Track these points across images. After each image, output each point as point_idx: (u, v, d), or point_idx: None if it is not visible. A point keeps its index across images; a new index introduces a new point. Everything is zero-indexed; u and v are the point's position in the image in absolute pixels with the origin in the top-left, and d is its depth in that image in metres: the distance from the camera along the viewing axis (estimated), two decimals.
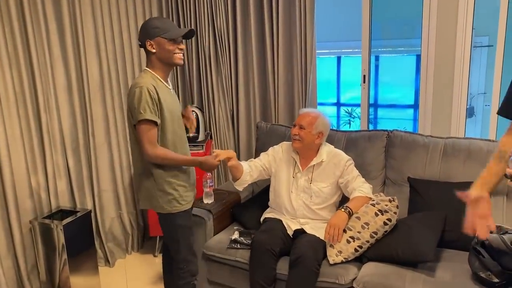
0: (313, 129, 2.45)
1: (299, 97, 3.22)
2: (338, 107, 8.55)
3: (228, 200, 2.79)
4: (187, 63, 3.50)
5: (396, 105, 7.92)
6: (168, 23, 2.03)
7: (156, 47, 2.01)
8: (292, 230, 2.46)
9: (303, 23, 3.07)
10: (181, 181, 2.14)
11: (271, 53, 3.23)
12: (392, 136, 2.70)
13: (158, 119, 2.00)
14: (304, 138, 2.45)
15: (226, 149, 2.77)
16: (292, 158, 2.56)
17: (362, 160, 2.66)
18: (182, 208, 2.15)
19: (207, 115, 3.52)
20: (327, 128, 2.51)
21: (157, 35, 1.99)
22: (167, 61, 2.05)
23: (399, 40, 7.30)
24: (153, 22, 2.01)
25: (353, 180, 2.45)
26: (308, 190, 2.48)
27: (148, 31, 2.00)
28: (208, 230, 2.58)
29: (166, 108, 2.03)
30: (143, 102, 1.95)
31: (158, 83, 2.04)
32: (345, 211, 2.29)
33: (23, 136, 2.63)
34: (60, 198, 2.88)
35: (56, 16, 2.77)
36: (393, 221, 2.28)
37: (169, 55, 2.03)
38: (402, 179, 2.62)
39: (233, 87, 3.41)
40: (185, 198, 2.16)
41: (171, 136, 2.08)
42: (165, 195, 2.11)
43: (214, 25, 3.32)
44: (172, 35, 2.01)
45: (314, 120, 2.46)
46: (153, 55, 2.03)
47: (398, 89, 7.85)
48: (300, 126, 2.46)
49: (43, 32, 2.69)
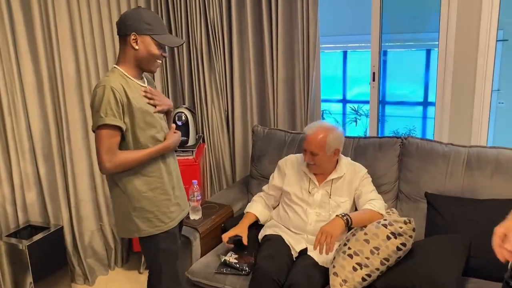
0: (326, 151, 2.15)
1: (301, 97, 2.88)
2: (344, 104, 8.33)
3: (219, 215, 2.46)
4: (177, 59, 3.16)
5: (404, 102, 7.66)
6: (161, 24, 1.75)
7: (141, 46, 1.70)
8: (297, 252, 2.14)
9: (306, 14, 2.73)
10: (161, 194, 1.81)
11: (270, 48, 2.88)
12: (406, 143, 2.35)
13: (122, 124, 1.67)
14: (320, 163, 2.18)
15: (234, 228, 2.32)
16: (303, 173, 2.28)
17: (373, 171, 2.32)
18: (164, 228, 1.82)
19: (199, 116, 3.18)
20: (341, 142, 2.21)
21: (147, 33, 1.70)
22: (144, 65, 1.76)
23: (408, 34, 7.05)
24: (146, 16, 1.70)
25: (366, 193, 2.15)
26: (326, 204, 2.19)
27: (137, 24, 1.69)
28: (194, 252, 2.25)
29: (139, 109, 1.71)
30: (104, 104, 1.62)
31: (127, 81, 1.72)
32: (342, 218, 1.95)
33: None
34: (29, 211, 2.56)
35: (23, 3, 2.43)
36: (408, 246, 1.94)
37: (151, 59, 1.74)
38: (418, 194, 2.28)
39: (227, 85, 3.07)
40: (169, 215, 1.83)
41: (146, 141, 1.75)
42: (143, 212, 1.78)
43: (206, 16, 2.98)
44: (164, 40, 1.73)
45: (323, 140, 2.14)
46: (131, 51, 1.71)
47: (407, 86, 7.59)
48: (311, 152, 2.16)
49: (6, 23, 2.36)
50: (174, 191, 1.87)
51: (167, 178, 1.83)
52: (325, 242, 1.88)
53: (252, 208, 2.39)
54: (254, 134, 2.76)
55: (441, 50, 2.67)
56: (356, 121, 7.87)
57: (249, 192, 2.73)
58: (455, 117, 2.66)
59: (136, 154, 1.72)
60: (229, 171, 3.21)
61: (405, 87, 7.55)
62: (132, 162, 1.71)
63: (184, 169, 2.78)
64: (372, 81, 2.95)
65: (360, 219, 1.99)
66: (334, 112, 8.23)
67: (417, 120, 7.52)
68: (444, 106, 2.70)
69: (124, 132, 1.70)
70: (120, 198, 1.78)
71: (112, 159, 1.67)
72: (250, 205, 2.42)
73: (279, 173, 2.39)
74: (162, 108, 1.82)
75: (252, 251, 2.23)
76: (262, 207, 2.40)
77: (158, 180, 1.80)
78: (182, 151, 2.86)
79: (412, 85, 7.51)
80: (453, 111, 2.66)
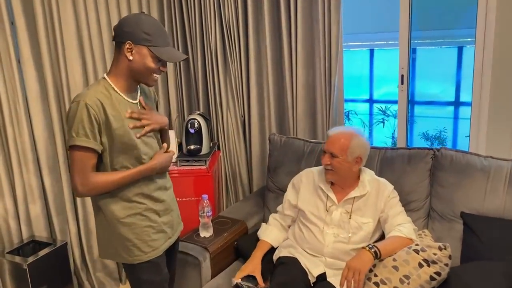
0: (348, 156, 1.93)
1: (322, 103, 2.66)
2: (370, 104, 8.10)
3: (232, 232, 2.27)
4: (191, 62, 2.99)
5: (434, 102, 7.37)
6: (162, 35, 1.54)
7: (136, 56, 1.51)
8: (314, 277, 1.93)
9: (327, 14, 2.51)
10: (141, 220, 1.61)
11: (288, 50, 2.67)
12: (439, 156, 2.10)
13: (96, 145, 1.49)
14: (338, 168, 1.95)
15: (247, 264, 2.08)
16: (320, 188, 2.06)
17: (400, 186, 2.09)
18: (144, 258, 1.63)
19: (214, 122, 3.00)
20: (365, 150, 1.98)
21: (145, 44, 1.50)
22: (138, 78, 1.56)
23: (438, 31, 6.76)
24: (146, 24, 1.50)
25: (393, 217, 1.93)
26: (345, 225, 1.97)
27: (135, 32, 1.49)
28: (203, 274, 2.07)
29: (118, 129, 1.52)
30: (76, 121, 1.45)
31: (112, 96, 1.53)
32: (370, 250, 1.75)
33: None
34: (34, 225, 2.44)
35: (25, 7, 2.30)
36: (443, 276, 1.72)
37: (146, 73, 1.54)
38: (452, 213, 2.03)
39: (243, 89, 2.88)
40: (150, 244, 1.64)
41: (125, 163, 1.56)
42: (122, 240, 1.60)
43: (221, 16, 2.79)
44: (162, 53, 1.52)
45: (347, 143, 1.93)
46: (125, 61, 1.52)
47: (437, 85, 7.29)
48: (331, 154, 1.95)
49: (6, 28, 2.23)
50: (160, 217, 1.68)
51: (150, 203, 1.64)
52: (352, 279, 1.68)
53: (266, 235, 2.17)
54: (271, 143, 2.56)
55: (478, 46, 2.41)
56: (384, 122, 7.59)
57: (265, 205, 2.54)
58: (494, 124, 2.39)
59: (112, 176, 1.53)
60: (246, 181, 3.02)
61: (435, 86, 7.25)
62: (107, 185, 1.53)
63: (196, 180, 2.61)
64: (401, 84, 2.71)
65: (389, 250, 1.79)
66: (360, 112, 7.98)
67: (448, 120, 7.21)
68: (481, 111, 2.44)
69: (102, 153, 1.52)
70: (100, 219, 1.62)
71: (85, 182, 1.49)
72: (264, 230, 2.20)
73: (293, 190, 2.19)
74: (153, 128, 1.63)
75: (267, 274, 2.04)
76: (277, 232, 2.18)
77: (138, 205, 1.61)
78: (195, 161, 2.69)
79: (443, 84, 7.21)
80: (492, 117, 2.39)
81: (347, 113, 7.46)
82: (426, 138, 7.02)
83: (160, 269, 1.70)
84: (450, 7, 6.05)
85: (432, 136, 7.05)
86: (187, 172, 2.63)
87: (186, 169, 2.64)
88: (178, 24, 2.92)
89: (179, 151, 2.83)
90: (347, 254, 1.95)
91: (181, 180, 2.61)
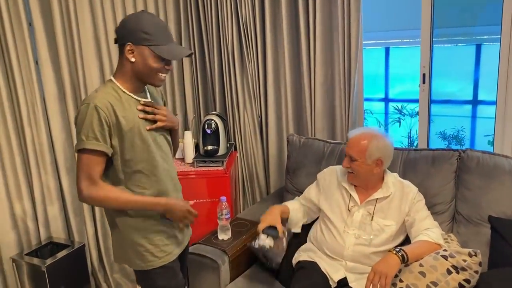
0: (366, 159, 1.88)
1: (341, 102, 2.61)
2: (386, 103, 8.00)
3: (250, 234, 2.23)
4: (208, 62, 2.96)
5: (451, 100, 7.24)
6: (163, 32, 1.49)
7: (137, 57, 1.47)
8: (335, 282, 1.88)
9: (347, 11, 2.46)
10: (154, 225, 1.59)
11: (307, 48, 2.63)
12: (465, 157, 2.04)
13: (107, 149, 1.46)
14: (358, 171, 1.91)
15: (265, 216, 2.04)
16: (343, 188, 2.02)
17: (425, 189, 2.02)
18: (158, 263, 1.60)
19: (230, 122, 2.97)
20: (387, 152, 1.93)
21: (145, 44, 1.45)
22: (144, 79, 1.52)
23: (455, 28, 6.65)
24: (145, 23, 1.45)
25: (420, 221, 1.87)
26: (366, 226, 1.92)
27: (134, 33, 1.45)
28: (222, 277, 2.03)
29: (129, 131, 1.49)
30: (86, 124, 1.42)
31: (121, 97, 1.50)
32: (397, 254, 1.69)
33: (2, 155, 2.18)
34: (52, 227, 2.43)
35: (43, 8, 2.29)
36: (472, 283, 1.67)
37: (151, 73, 1.50)
38: (479, 216, 1.96)
39: (261, 89, 2.84)
40: (163, 248, 1.62)
41: (140, 166, 1.53)
42: (135, 246, 1.58)
43: (238, 15, 2.76)
44: (163, 52, 1.47)
45: (365, 147, 1.88)
46: (128, 63, 1.49)
47: (454, 83, 7.17)
48: (350, 157, 1.92)
49: (25, 30, 2.22)
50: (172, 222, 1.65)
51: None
52: (379, 283, 1.63)
53: (288, 203, 2.18)
54: (289, 144, 2.52)
55: (504, 44, 2.33)
56: (400, 121, 7.48)
57: None
58: None
59: (119, 194, 1.50)
60: (263, 182, 2.98)
61: (452, 84, 7.13)
62: (111, 202, 1.50)
63: (214, 181, 2.58)
64: (422, 84, 2.64)
65: (417, 254, 1.73)
66: (376, 111, 7.89)
67: (466, 119, 7.09)
68: (507, 110, 2.37)
69: (112, 156, 1.49)
70: (113, 224, 1.59)
71: (90, 189, 1.46)
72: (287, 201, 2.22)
73: (317, 188, 2.15)
74: (165, 124, 1.59)
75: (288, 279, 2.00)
76: (298, 205, 2.17)
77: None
78: (212, 162, 2.66)
79: (460, 83, 7.09)
80: None
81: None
82: (443, 137, 6.90)
83: (176, 273, 1.67)
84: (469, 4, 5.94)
85: (449, 135, 6.93)
86: (204, 173, 2.60)
87: (203, 170, 2.61)
88: (194, 23, 2.89)
89: (195, 152, 2.80)
90: (368, 258, 1.90)
91: (198, 181, 2.58)
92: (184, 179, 2.54)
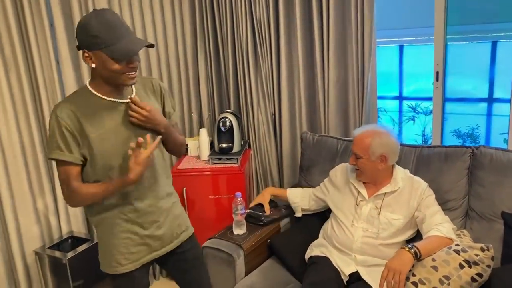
0: (370, 155, 1.94)
1: (355, 101, 2.63)
2: (400, 101, 7.97)
3: (265, 230, 2.28)
4: (222, 61, 3.01)
5: (466, 98, 7.19)
6: (112, 31, 1.37)
7: (96, 62, 1.40)
8: (347, 276, 1.93)
9: (360, 10, 2.48)
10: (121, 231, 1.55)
11: (320, 47, 2.66)
12: (478, 154, 2.05)
13: (71, 157, 1.43)
14: (364, 168, 1.97)
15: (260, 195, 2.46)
16: (351, 183, 2.07)
17: (437, 185, 2.05)
18: (120, 270, 1.58)
19: (244, 120, 3.01)
20: (390, 148, 1.96)
21: (96, 48, 1.37)
22: (112, 81, 1.45)
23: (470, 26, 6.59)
24: (90, 27, 1.36)
25: (431, 216, 1.89)
26: (374, 220, 1.96)
27: (84, 39, 1.38)
28: (237, 271, 2.08)
29: (97, 138, 1.45)
30: (50, 135, 1.44)
31: (91, 102, 1.46)
32: (409, 250, 1.73)
33: (25, 152, 2.26)
34: (72, 221, 2.50)
35: (64, 9, 2.36)
36: (485, 277, 1.69)
37: (115, 75, 1.42)
38: (492, 212, 1.98)
39: (274, 87, 2.88)
40: (127, 256, 1.58)
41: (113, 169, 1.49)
42: (101, 245, 1.63)
43: (252, 14, 2.79)
44: (116, 52, 1.37)
45: (368, 144, 1.94)
46: (92, 69, 1.43)
47: (469, 81, 7.11)
48: (355, 154, 1.98)
49: (46, 30, 2.30)
50: (144, 229, 1.59)
51: (132, 215, 1.56)
52: (393, 280, 1.66)
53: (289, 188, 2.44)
54: (303, 142, 2.56)
55: None
56: (414, 119, 7.45)
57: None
58: None
59: (93, 189, 1.47)
60: (277, 179, 3.02)
61: (467, 82, 7.07)
62: (90, 198, 1.48)
63: (228, 178, 2.63)
64: (436, 81, 2.65)
65: (429, 250, 1.76)
66: (389, 110, 7.86)
67: (481, 117, 7.03)
68: None
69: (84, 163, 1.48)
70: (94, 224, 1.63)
71: (68, 194, 1.47)
72: None
73: (329, 183, 2.21)
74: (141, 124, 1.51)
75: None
76: (300, 191, 2.38)
77: (119, 215, 1.55)
78: (227, 159, 2.71)
79: (475, 80, 7.02)
80: None
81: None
82: (458, 135, 6.86)
83: (136, 283, 1.64)
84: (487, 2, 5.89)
85: (464, 133, 6.88)
86: (219, 170, 2.65)
87: (218, 167, 2.67)
88: (209, 23, 2.94)
89: (210, 149, 2.85)
90: (376, 249, 1.94)
91: (213, 178, 2.63)
92: (200, 175, 2.61)
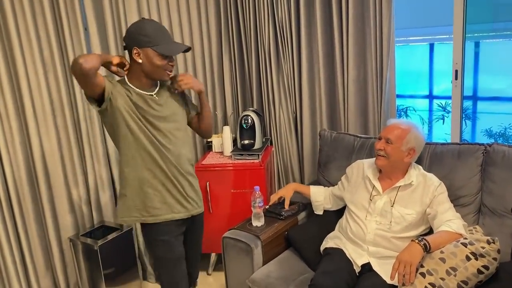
0: (402, 144, 1.99)
1: (374, 99, 2.70)
2: (430, 100, 7.85)
3: (282, 222, 2.38)
4: (246, 61, 3.12)
5: (499, 97, 7.01)
6: (161, 34, 1.78)
7: (144, 59, 1.76)
8: (359, 266, 2.01)
9: (379, 10, 2.55)
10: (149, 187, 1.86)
11: (340, 47, 2.73)
12: (491, 151, 2.09)
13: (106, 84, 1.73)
14: (391, 155, 2.01)
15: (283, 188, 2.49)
16: (367, 178, 2.13)
17: (450, 181, 2.10)
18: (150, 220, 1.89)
19: (267, 118, 3.12)
20: (420, 144, 2.05)
21: (148, 46, 1.75)
22: (153, 76, 1.83)
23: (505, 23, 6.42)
24: (145, 28, 1.75)
25: (442, 213, 1.94)
26: (387, 213, 2.02)
27: (137, 38, 1.75)
28: (255, 260, 2.20)
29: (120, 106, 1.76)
30: None
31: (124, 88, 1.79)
32: (419, 243, 1.79)
33: (62, 147, 2.46)
34: (104, 211, 2.68)
35: (96, 13, 2.54)
36: (491, 270, 1.73)
37: (158, 70, 1.80)
38: (504, 208, 2.01)
39: (295, 86, 2.97)
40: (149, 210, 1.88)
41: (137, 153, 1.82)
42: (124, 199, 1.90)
43: (274, 16, 2.90)
44: (163, 49, 1.76)
45: (404, 133, 2.00)
46: (137, 65, 1.79)
47: (503, 79, 6.93)
48: (386, 139, 2.02)
49: (81, 33, 2.48)
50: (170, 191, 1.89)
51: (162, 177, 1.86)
52: (404, 272, 1.74)
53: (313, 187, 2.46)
54: (321, 139, 2.64)
55: None
56: (444, 118, 7.35)
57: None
58: None
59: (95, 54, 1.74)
60: (298, 175, 3.12)
61: (500, 81, 6.90)
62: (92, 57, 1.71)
63: (249, 173, 2.75)
64: (455, 80, 2.69)
65: (439, 243, 1.82)
66: (419, 109, 7.76)
67: None
68: None
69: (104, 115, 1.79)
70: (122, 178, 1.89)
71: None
72: None
73: (345, 180, 2.28)
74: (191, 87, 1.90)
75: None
76: (323, 190, 2.42)
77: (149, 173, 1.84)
78: (248, 155, 2.83)
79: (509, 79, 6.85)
80: None
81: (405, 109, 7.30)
82: (489, 135, 6.71)
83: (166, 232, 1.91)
84: None
85: (496, 133, 6.74)
86: (240, 166, 2.77)
87: (240, 163, 2.79)
88: (234, 25, 3.06)
89: (233, 145, 2.98)
90: (389, 241, 2.00)
91: (235, 172, 2.76)
92: (223, 170, 2.74)
